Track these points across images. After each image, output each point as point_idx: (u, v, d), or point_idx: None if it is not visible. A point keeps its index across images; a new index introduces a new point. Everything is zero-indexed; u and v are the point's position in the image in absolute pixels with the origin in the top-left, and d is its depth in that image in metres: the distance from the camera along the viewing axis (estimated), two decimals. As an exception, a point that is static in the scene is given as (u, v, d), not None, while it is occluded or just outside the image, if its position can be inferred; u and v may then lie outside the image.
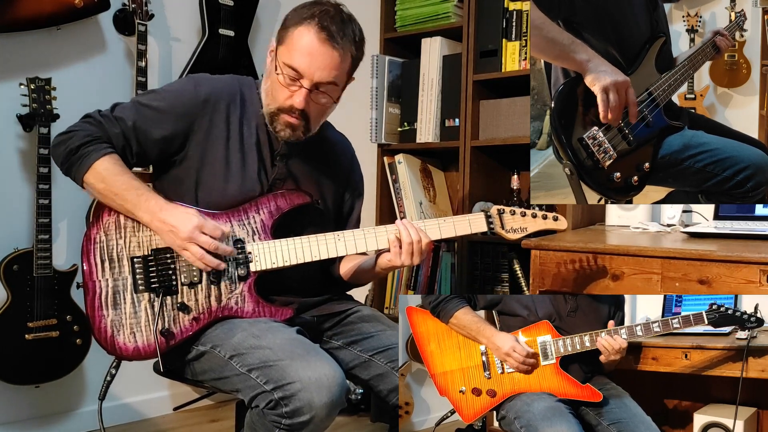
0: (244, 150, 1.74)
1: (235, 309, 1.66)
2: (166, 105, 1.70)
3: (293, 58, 1.64)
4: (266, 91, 1.72)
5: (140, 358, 1.64)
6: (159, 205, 1.62)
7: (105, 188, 1.64)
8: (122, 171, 1.65)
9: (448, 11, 2.92)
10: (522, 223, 1.77)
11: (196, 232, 1.59)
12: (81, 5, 2.49)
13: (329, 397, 1.49)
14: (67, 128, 1.69)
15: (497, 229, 1.76)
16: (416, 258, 1.69)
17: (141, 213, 1.63)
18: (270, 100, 1.71)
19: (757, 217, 2.15)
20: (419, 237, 1.68)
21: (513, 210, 1.76)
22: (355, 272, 1.86)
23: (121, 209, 1.65)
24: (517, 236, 1.76)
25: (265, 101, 1.72)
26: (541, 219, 1.76)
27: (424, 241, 1.69)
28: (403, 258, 1.68)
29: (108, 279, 1.64)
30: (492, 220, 1.76)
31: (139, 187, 1.64)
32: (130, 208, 1.63)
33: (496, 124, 2.78)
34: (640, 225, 2.32)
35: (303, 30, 1.64)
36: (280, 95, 1.68)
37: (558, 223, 1.77)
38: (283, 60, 1.65)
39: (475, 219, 1.75)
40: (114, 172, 1.64)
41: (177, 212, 1.62)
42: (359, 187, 1.97)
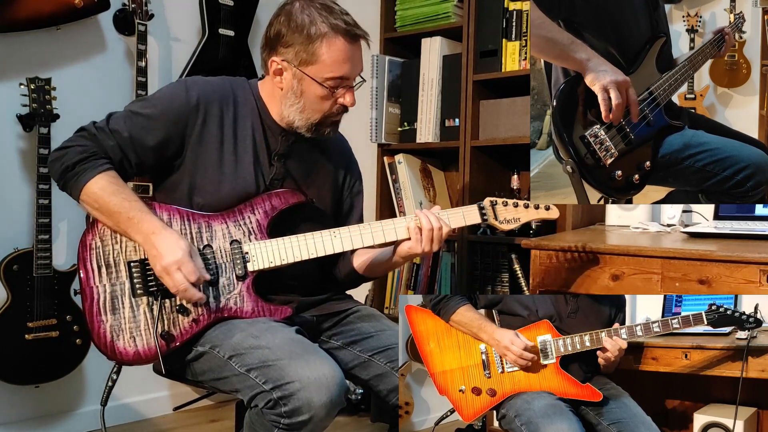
0: (238, 151, 1.74)
1: (234, 309, 1.66)
2: (158, 111, 1.69)
3: (336, 71, 1.68)
4: (300, 110, 1.72)
5: (141, 362, 1.63)
6: (151, 228, 1.61)
7: (99, 208, 1.63)
8: (117, 190, 1.64)
9: (448, 11, 2.92)
10: (515, 214, 1.77)
11: (173, 267, 1.57)
12: (81, 5, 2.49)
13: (328, 396, 1.49)
14: (63, 143, 1.68)
15: (491, 220, 1.76)
16: (435, 245, 1.70)
17: (133, 234, 1.62)
18: (310, 113, 1.73)
19: (757, 217, 2.15)
20: (439, 224, 1.70)
21: (505, 201, 1.77)
22: (370, 264, 1.85)
23: (116, 229, 1.65)
24: (511, 226, 1.77)
25: (302, 117, 1.73)
26: (533, 209, 1.77)
27: (445, 229, 1.71)
28: (424, 245, 1.70)
29: (105, 284, 1.63)
30: (485, 211, 1.76)
31: (134, 209, 1.62)
32: (124, 228, 1.63)
33: (496, 124, 2.78)
34: (640, 225, 2.32)
35: (331, 43, 1.67)
36: (325, 105, 1.72)
37: (550, 212, 1.77)
38: (324, 76, 1.68)
39: (469, 211, 1.76)
40: (109, 191, 1.63)
41: (167, 240, 1.59)
42: (358, 184, 1.97)
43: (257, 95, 1.79)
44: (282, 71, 1.71)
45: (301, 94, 1.71)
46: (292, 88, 1.71)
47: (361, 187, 1.98)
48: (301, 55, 1.68)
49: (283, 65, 1.71)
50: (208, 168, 1.72)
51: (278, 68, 1.72)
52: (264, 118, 1.78)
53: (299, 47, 1.67)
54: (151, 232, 1.60)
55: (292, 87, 1.71)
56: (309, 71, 1.68)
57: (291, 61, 1.69)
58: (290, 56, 1.69)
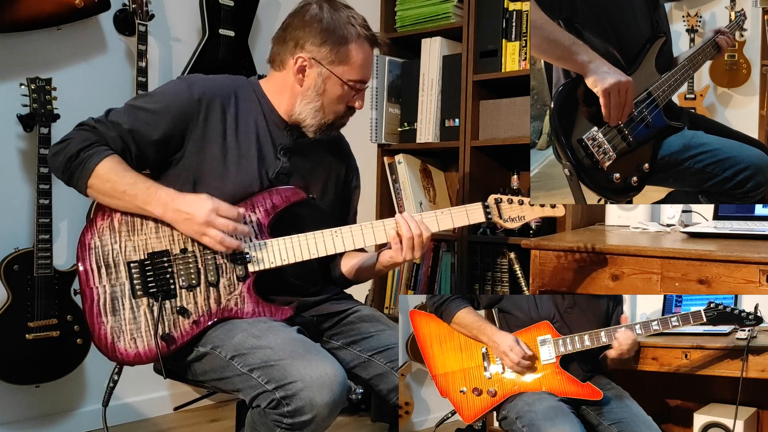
0: (241, 146, 1.74)
1: (234, 310, 1.66)
2: (161, 106, 1.70)
3: (360, 74, 1.74)
4: (317, 108, 1.75)
5: (142, 363, 1.64)
6: (170, 195, 1.62)
7: (111, 187, 1.62)
8: (126, 168, 1.64)
9: (448, 11, 2.92)
10: (520, 212, 1.76)
11: (212, 215, 1.59)
12: (81, 5, 2.49)
13: (331, 396, 1.49)
14: (62, 138, 1.67)
15: (495, 218, 1.75)
16: (417, 252, 1.69)
17: (153, 206, 1.62)
18: (326, 113, 1.76)
19: (756, 217, 2.15)
20: (420, 230, 1.68)
21: (510, 199, 1.76)
22: (357, 270, 1.87)
23: (130, 206, 1.63)
24: (515, 225, 1.76)
25: (318, 115, 1.76)
26: (539, 207, 1.76)
27: (425, 235, 1.69)
28: (405, 253, 1.69)
29: (105, 285, 1.63)
30: (490, 210, 1.75)
31: (147, 181, 1.64)
32: (141, 204, 1.62)
33: (496, 124, 2.78)
34: (639, 225, 2.32)
35: (360, 47, 1.73)
36: (341, 106, 1.77)
37: (555, 210, 1.76)
38: (349, 77, 1.73)
39: (473, 210, 1.74)
40: (119, 170, 1.63)
41: (189, 199, 1.62)
42: (357, 180, 1.99)
43: (260, 92, 1.80)
44: (305, 68, 1.73)
45: (323, 93, 1.74)
46: (314, 86, 1.73)
47: (358, 182, 2.00)
48: (332, 54, 1.71)
49: (311, 62, 1.72)
50: (211, 163, 1.72)
51: (303, 65, 1.73)
52: (268, 114, 1.79)
53: (331, 47, 1.71)
54: (171, 200, 1.61)
55: (315, 85, 1.73)
56: (337, 71, 1.72)
57: (320, 59, 1.71)
58: (320, 55, 1.71)
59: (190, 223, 1.60)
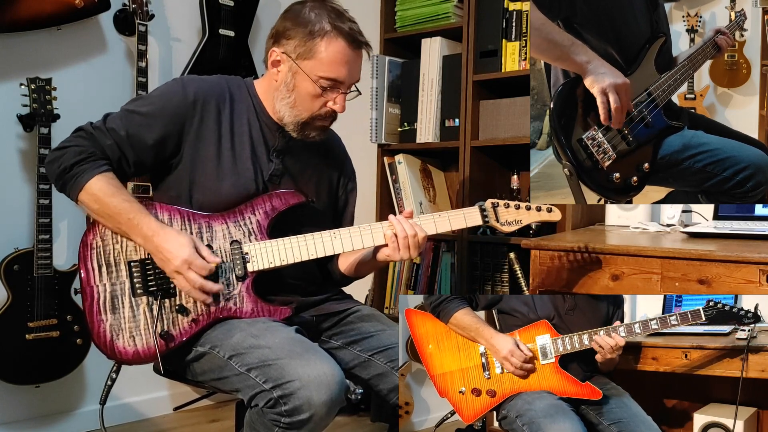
0: (235, 147, 1.75)
1: (233, 309, 1.66)
2: (156, 109, 1.70)
3: (331, 71, 1.69)
4: (290, 104, 1.73)
5: (140, 361, 1.64)
6: (152, 229, 1.62)
7: (99, 209, 1.64)
8: (115, 192, 1.64)
9: (448, 11, 2.92)
10: (516, 216, 1.77)
11: (184, 266, 1.59)
12: (81, 5, 2.49)
13: (328, 395, 1.49)
14: (60, 144, 1.68)
15: (492, 222, 1.76)
16: (413, 251, 1.70)
17: (134, 237, 1.64)
18: (299, 110, 1.73)
19: (756, 217, 2.15)
20: (414, 231, 1.69)
21: (507, 203, 1.77)
22: (357, 266, 1.86)
23: (115, 229, 1.65)
24: (512, 228, 1.77)
25: (292, 113, 1.74)
26: (535, 211, 1.77)
27: (420, 235, 1.70)
28: (401, 252, 1.70)
29: (106, 284, 1.64)
30: (486, 213, 1.76)
31: (131, 210, 1.63)
32: (124, 230, 1.64)
33: (496, 124, 2.78)
34: (639, 225, 2.32)
35: (331, 42, 1.68)
36: (315, 104, 1.72)
37: (552, 214, 1.77)
38: (318, 74, 1.69)
39: (470, 213, 1.75)
40: (107, 193, 1.63)
41: (170, 239, 1.61)
42: (353, 181, 1.99)
43: (253, 93, 1.80)
44: (279, 63, 1.73)
45: (293, 89, 1.72)
46: (285, 81, 1.73)
47: (354, 185, 1.99)
48: (299, 48, 1.69)
49: (282, 57, 1.72)
50: (207, 164, 1.72)
51: (276, 59, 1.73)
52: (260, 115, 1.79)
53: (299, 41, 1.69)
54: (152, 234, 1.61)
55: (286, 80, 1.73)
56: (304, 66, 1.70)
57: (289, 53, 1.70)
58: (289, 48, 1.71)
59: (163, 263, 1.61)
